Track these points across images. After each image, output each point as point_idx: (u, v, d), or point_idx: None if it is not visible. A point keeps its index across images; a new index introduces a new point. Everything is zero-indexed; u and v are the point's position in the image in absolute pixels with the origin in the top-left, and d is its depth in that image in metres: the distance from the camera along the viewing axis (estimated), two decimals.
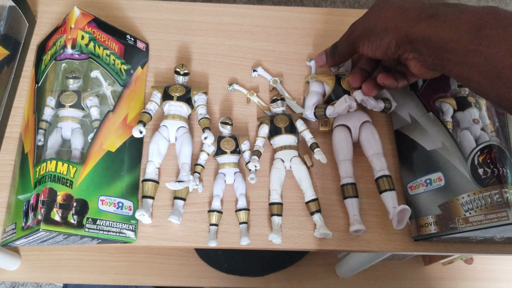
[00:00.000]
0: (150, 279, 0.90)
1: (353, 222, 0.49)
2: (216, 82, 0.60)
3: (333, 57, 0.51)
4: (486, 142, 0.46)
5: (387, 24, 0.41)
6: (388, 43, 0.42)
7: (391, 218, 0.48)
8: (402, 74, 0.49)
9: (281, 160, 0.53)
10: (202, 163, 0.53)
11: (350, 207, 0.51)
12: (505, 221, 0.42)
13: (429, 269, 0.95)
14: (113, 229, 0.47)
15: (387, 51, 0.43)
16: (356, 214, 0.50)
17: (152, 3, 0.65)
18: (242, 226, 0.50)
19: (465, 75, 0.37)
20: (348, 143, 0.52)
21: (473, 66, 0.35)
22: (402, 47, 0.41)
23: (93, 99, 0.52)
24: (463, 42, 0.35)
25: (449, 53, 0.37)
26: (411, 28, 0.39)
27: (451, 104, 0.52)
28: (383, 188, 0.50)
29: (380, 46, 0.43)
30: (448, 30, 0.36)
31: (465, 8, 0.37)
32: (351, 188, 0.51)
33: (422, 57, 0.40)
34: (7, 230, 0.47)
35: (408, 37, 0.40)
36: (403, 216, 0.47)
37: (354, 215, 0.50)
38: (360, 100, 0.51)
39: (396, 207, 0.48)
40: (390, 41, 0.42)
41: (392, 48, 0.42)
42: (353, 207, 0.50)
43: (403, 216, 0.47)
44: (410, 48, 0.41)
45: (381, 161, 0.51)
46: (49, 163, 0.45)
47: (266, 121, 0.55)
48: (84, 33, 0.52)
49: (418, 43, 0.39)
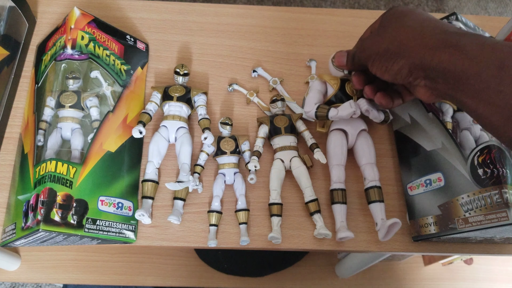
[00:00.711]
0: (150, 279, 0.90)
1: (340, 229, 0.49)
2: (216, 83, 0.60)
3: (353, 64, 0.49)
4: (485, 142, 0.46)
5: (401, 48, 0.39)
6: (400, 68, 0.40)
7: (377, 229, 0.48)
8: (398, 93, 0.48)
9: (281, 160, 0.53)
10: (202, 163, 0.53)
11: (338, 213, 0.50)
12: (504, 222, 0.42)
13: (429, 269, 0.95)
14: (112, 230, 0.47)
15: (397, 76, 0.41)
16: (343, 220, 0.50)
17: (152, 3, 0.65)
18: (242, 227, 0.50)
19: (480, 111, 0.35)
20: (343, 148, 0.52)
21: (490, 104, 0.34)
22: (415, 74, 0.39)
23: (93, 100, 0.52)
24: (483, 77, 0.33)
25: (467, 86, 0.35)
26: (429, 55, 0.37)
27: (450, 105, 0.52)
28: (373, 198, 0.50)
29: (391, 70, 0.41)
30: (469, 62, 0.34)
31: (488, 41, 0.35)
32: (341, 194, 0.51)
33: (434, 85, 0.38)
34: (7, 231, 0.47)
35: (423, 64, 0.38)
36: (392, 229, 0.47)
37: (341, 221, 0.50)
38: (365, 109, 0.50)
39: (384, 219, 0.48)
40: (402, 66, 0.40)
41: (404, 73, 0.40)
42: (341, 214, 0.50)
43: (392, 229, 0.47)
44: (423, 75, 0.39)
45: (373, 171, 0.51)
46: (49, 164, 0.45)
47: (266, 122, 0.55)
48: (84, 33, 0.52)
49: (434, 72, 0.37)
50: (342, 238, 0.49)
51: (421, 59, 0.38)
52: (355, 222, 0.52)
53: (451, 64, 0.36)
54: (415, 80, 0.40)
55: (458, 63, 0.35)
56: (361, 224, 0.52)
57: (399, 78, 0.41)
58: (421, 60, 0.38)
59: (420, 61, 0.38)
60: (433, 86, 0.39)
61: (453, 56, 0.35)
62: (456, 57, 0.35)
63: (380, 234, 0.48)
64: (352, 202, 0.53)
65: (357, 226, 0.52)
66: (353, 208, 0.53)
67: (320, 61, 0.62)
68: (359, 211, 0.53)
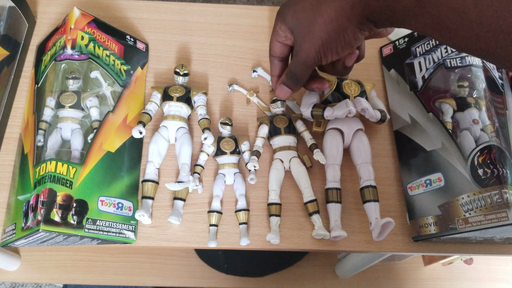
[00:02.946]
0: (150, 279, 0.90)
1: (333, 228, 0.49)
2: (216, 83, 0.60)
3: (297, 84, 0.47)
4: (486, 142, 0.46)
5: (339, 22, 0.38)
6: (354, 35, 0.39)
7: (371, 228, 0.48)
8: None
9: (280, 160, 0.53)
10: (202, 163, 0.53)
11: (332, 212, 0.50)
12: (504, 222, 0.42)
13: (429, 269, 0.95)
14: (112, 230, 0.47)
15: (355, 42, 0.41)
16: (337, 219, 0.50)
17: (152, 3, 0.65)
18: (242, 227, 0.50)
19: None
20: (339, 148, 0.52)
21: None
22: (366, 27, 0.39)
23: (93, 100, 0.52)
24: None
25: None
26: (364, 9, 0.37)
27: (450, 105, 0.52)
28: (367, 198, 0.50)
29: (347, 43, 0.40)
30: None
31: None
32: (336, 193, 0.51)
33: (380, 24, 0.39)
34: (7, 231, 0.47)
35: (368, 15, 0.38)
36: (386, 228, 0.47)
37: (335, 220, 0.50)
38: (360, 108, 0.50)
39: (379, 218, 0.48)
40: (354, 31, 0.39)
41: (358, 35, 0.40)
42: (335, 213, 0.50)
43: (385, 228, 0.47)
44: (372, 23, 0.39)
45: (368, 171, 0.51)
46: (49, 164, 0.45)
47: (265, 122, 0.55)
48: (84, 33, 0.52)
49: (376, 13, 0.37)
50: (335, 237, 0.49)
51: (362, 13, 0.37)
52: (354, 222, 0.52)
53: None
54: (370, 30, 0.40)
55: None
56: (360, 224, 0.52)
57: (358, 42, 0.41)
58: (363, 13, 0.37)
59: (364, 15, 0.37)
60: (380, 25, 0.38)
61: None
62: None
63: (374, 234, 0.48)
64: (350, 202, 0.53)
65: (356, 226, 0.52)
66: (351, 208, 0.53)
67: None
68: (358, 211, 0.53)
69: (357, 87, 0.54)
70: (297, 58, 0.43)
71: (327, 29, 0.39)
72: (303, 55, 0.42)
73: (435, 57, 0.55)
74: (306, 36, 0.41)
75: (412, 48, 0.58)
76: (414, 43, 0.58)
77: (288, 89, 0.47)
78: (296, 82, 0.46)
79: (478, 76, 0.51)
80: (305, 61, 0.42)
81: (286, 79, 0.46)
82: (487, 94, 0.50)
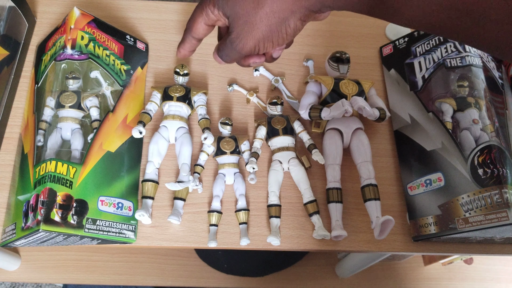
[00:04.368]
0: (150, 279, 0.90)
1: (334, 227, 0.49)
2: (215, 83, 0.60)
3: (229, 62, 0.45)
4: (486, 142, 0.46)
5: (282, 15, 0.38)
6: (295, 27, 0.39)
7: (373, 227, 0.48)
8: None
9: (279, 161, 0.53)
10: (202, 163, 0.53)
11: (333, 212, 0.50)
12: (504, 222, 0.42)
13: (429, 269, 0.95)
14: (113, 230, 0.47)
15: (296, 33, 0.40)
16: (338, 219, 0.50)
17: (152, 3, 0.65)
18: (242, 227, 0.50)
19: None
20: (338, 148, 0.52)
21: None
22: (308, 17, 0.39)
23: (92, 100, 0.52)
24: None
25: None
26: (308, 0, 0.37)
27: (451, 104, 0.52)
28: (368, 197, 0.50)
29: (288, 35, 0.40)
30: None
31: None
32: (337, 193, 0.51)
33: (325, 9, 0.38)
34: (7, 231, 0.47)
35: (311, 7, 0.37)
36: (386, 226, 0.47)
37: (336, 220, 0.50)
38: (357, 107, 0.51)
39: (379, 217, 0.48)
40: (296, 23, 0.39)
41: (299, 26, 0.39)
42: (337, 212, 0.50)
43: (386, 226, 0.47)
44: (314, 13, 0.39)
45: (368, 170, 0.51)
46: (49, 164, 0.45)
47: (263, 123, 0.55)
48: (84, 33, 0.52)
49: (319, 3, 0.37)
50: (336, 236, 0.49)
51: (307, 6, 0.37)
52: (355, 222, 0.52)
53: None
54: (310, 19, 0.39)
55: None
56: (360, 224, 0.52)
57: (297, 31, 0.40)
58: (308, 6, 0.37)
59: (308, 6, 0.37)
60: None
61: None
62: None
63: (375, 232, 0.48)
64: (351, 202, 0.53)
65: (356, 226, 0.52)
66: (352, 208, 0.53)
67: (321, 61, 0.62)
68: (358, 210, 0.53)
69: (354, 86, 0.54)
70: (232, 45, 0.41)
71: (269, 22, 0.38)
72: (240, 45, 0.41)
73: (435, 57, 0.55)
74: (245, 26, 0.39)
75: (412, 48, 0.58)
76: (414, 43, 0.58)
77: (221, 61, 0.46)
78: (228, 61, 0.45)
79: (478, 76, 0.51)
80: (241, 50, 0.41)
81: (218, 54, 0.45)
82: (487, 94, 0.50)
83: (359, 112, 0.51)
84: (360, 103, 0.50)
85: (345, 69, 0.56)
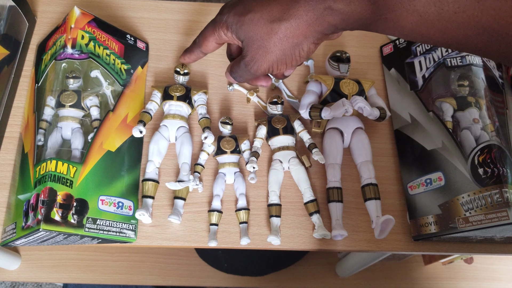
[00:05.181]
0: (150, 279, 0.90)
1: (335, 227, 0.49)
2: (216, 82, 0.60)
3: (241, 82, 0.47)
4: (486, 141, 0.46)
5: (295, 40, 0.38)
6: (308, 50, 0.40)
7: (373, 227, 0.48)
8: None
9: (279, 161, 0.53)
10: (202, 162, 0.53)
11: (334, 211, 0.50)
12: (505, 221, 0.42)
13: (429, 269, 0.95)
14: (113, 229, 0.47)
15: (309, 55, 0.41)
16: (339, 218, 0.50)
17: (152, 3, 0.65)
18: (242, 226, 0.50)
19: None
20: (339, 147, 0.52)
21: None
22: (321, 40, 0.39)
23: (93, 99, 0.52)
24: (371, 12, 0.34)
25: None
26: (321, 25, 0.37)
27: (451, 104, 0.52)
28: (368, 196, 0.50)
29: (302, 58, 0.41)
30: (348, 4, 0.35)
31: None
32: (337, 192, 0.51)
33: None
34: (7, 230, 0.47)
35: (324, 31, 0.38)
36: (387, 226, 0.47)
37: (337, 219, 0.50)
38: (357, 107, 0.51)
39: (379, 216, 0.48)
40: (309, 46, 0.39)
41: (313, 49, 0.40)
42: (337, 212, 0.50)
43: (386, 226, 0.47)
44: (327, 36, 0.39)
45: (369, 169, 0.51)
46: (49, 163, 0.45)
47: (263, 122, 0.55)
48: (84, 32, 0.52)
49: (332, 27, 0.37)
50: (336, 236, 0.49)
51: (320, 30, 0.37)
52: (355, 221, 0.52)
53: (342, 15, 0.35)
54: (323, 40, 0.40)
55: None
56: (360, 223, 0.52)
57: (311, 53, 0.41)
58: (320, 30, 0.37)
59: (320, 31, 0.37)
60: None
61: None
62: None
63: (375, 232, 0.48)
64: (351, 201, 0.53)
65: (357, 225, 0.52)
66: (352, 207, 0.53)
67: (321, 60, 0.62)
68: (358, 210, 0.53)
69: (355, 86, 0.54)
70: (246, 67, 0.42)
71: (283, 46, 0.39)
72: (254, 67, 0.41)
73: (436, 56, 0.55)
74: (259, 50, 0.40)
75: (412, 47, 0.58)
76: (414, 42, 0.58)
77: (234, 80, 0.46)
78: (241, 82, 0.46)
79: (479, 75, 0.51)
80: (255, 72, 0.42)
81: (232, 75, 0.45)
82: (487, 93, 0.50)
83: (359, 111, 0.51)
84: (360, 103, 0.50)
85: (345, 68, 0.56)
